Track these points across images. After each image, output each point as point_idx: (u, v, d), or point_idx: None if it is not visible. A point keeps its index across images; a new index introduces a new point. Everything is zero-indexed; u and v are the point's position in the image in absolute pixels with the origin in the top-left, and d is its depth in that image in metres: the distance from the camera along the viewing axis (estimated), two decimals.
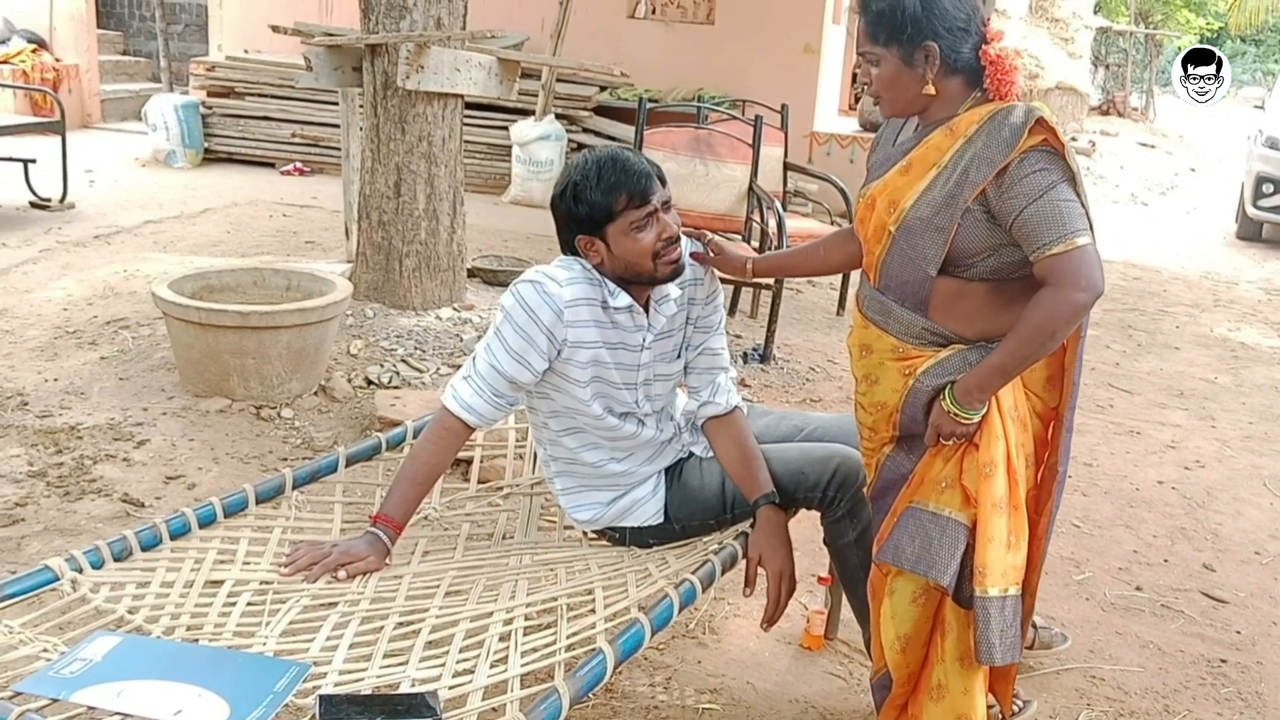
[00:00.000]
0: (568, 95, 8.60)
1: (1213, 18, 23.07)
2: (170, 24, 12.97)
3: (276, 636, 1.89)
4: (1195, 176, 14.36)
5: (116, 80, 11.46)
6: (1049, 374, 2.10)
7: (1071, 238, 1.89)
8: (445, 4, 4.71)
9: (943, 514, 2.06)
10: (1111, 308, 6.88)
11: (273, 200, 7.86)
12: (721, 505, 2.38)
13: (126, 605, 1.94)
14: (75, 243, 6.21)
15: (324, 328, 4.03)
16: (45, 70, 10.01)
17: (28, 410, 3.78)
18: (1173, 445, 4.58)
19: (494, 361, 2.17)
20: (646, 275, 2.20)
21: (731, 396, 2.40)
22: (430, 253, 4.93)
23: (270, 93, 9.07)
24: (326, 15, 9.67)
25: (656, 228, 2.16)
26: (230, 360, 3.87)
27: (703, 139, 5.59)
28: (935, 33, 1.97)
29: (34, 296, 5.08)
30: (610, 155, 2.17)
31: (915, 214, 2.02)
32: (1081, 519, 3.76)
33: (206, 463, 3.53)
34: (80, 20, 10.36)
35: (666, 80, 9.00)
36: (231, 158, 9.21)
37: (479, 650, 1.88)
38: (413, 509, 2.26)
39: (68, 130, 7.22)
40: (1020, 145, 1.92)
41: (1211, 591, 3.35)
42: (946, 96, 2.03)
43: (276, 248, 6.42)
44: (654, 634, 1.93)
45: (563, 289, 2.16)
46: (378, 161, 4.82)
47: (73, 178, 7.30)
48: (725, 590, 3.09)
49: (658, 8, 9.39)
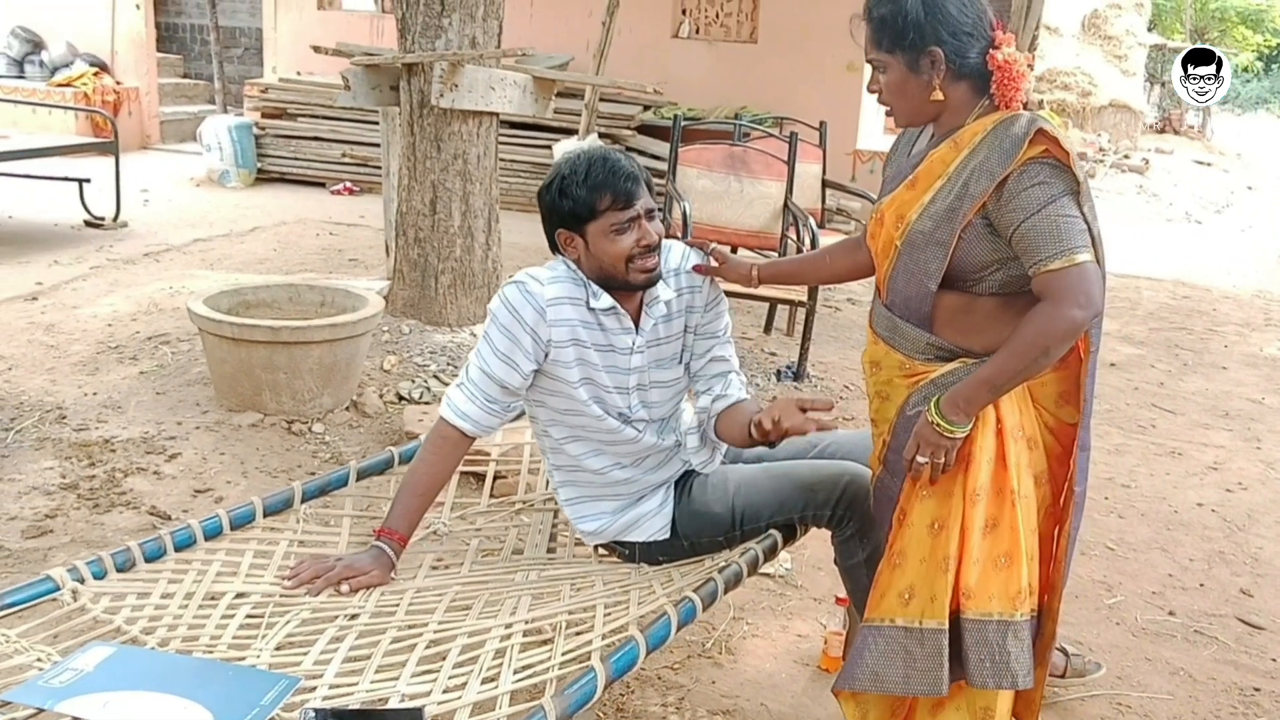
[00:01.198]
0: (611, 114, 8.65)
1: (1270, 33, 22.58)
2: (230, 48, 13.28)
3: (271, 649, 1.89)
4: (1251, 195, 14.02)
5: (176, 102, 11.73)
6: (1062, 389, 2.05)
7: (1071, 254, 1.86)
8: (480, 24, 4.75)
9: (914, 626, 2.00)
10: (1159, 326, 6.75)
11: (321, 219, 7.99)
12: (730, 522, 2.35)
13: (125, 616, 1.95)
14: (125, 260, 6.35)
15: (355, 343, 4.07)
16: (106, 93, 10.27)
17: (65, 424, 3.86)
18: (1215, 467, 4.46)
19: (483, 366, 2.18)
20: (619, 279, 2.19)
21: (743, 391, 2.38)
22: (465, 269, 4.97)
23: (321, 113, 9.23)
24: (378, 37, 9.83)
25: (636, 233, 2.15)
26: (262, 375, 3.92)
27: (738, 156, 5.57)
28: (939, 37, 1.95)
29: (81, 312, 5.19)
30: (601, 154, 2.17)
31: (918, 227, 2.00)
32: (1116, 541, 3.68)
33: (235, 476, 3.58)
34: (140, 44, 10.62)
35: (709, 99, 9.02)
36: (284, 177, 9.38)
37: (473, 666, 1.87)
38: (416, 520, 2.25)
39: (128, 151, 7.42)
40: (1020, 156, 1.89)
41: (1247, 617, 3.25)
42: (955, 103, 2.00)
43: (320, 265, 6.52)
44: (649, 652, 1.91)
45: (544, 287, 2.17)
46: (414, 179, 4.87)
47: (128, 197, 7.49)
48: (744, 610, 3.06)
49: (701, 27, 9.43)
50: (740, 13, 9.40)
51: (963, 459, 1.99)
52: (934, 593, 1.99)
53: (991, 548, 1.98)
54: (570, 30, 9.24)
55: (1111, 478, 4.21)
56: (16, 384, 4.23)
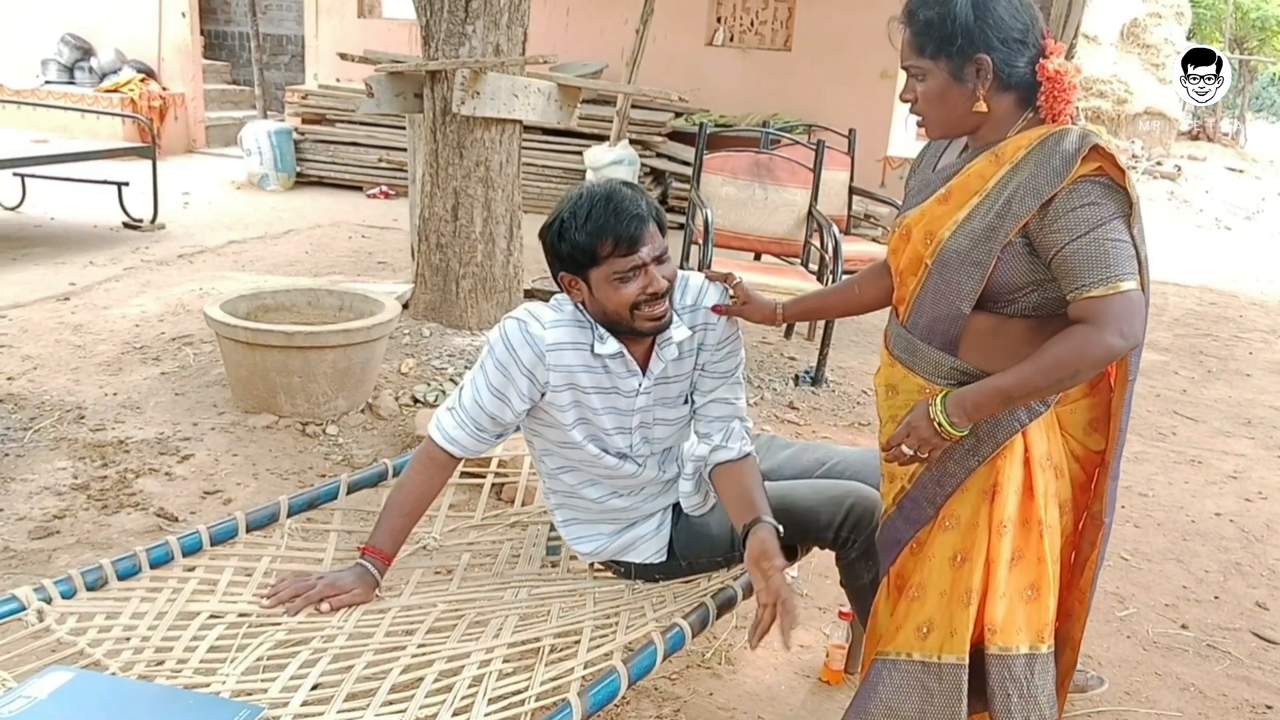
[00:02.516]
0: (642, 121, 8.64)
1: None
2: (276, 55, 13.47)
3: (239, 675, 1.82)
4: None
5: (222, 108, 11.90)
6: (1092, 417, 1.94)
7: (1116, 281, 1.72)
8: (504, 31, 4.76)
9: (932, 660, 1.91)
10: (1184, 333, 6.65)
11: (355, 222, 8.06)
12: (730, 543, 2.27)
13: (90, 638, 1.88)
14: (159, 261, 6.44)
15: (370, 348, 4.09)
16: (152, 98, 10.44)
17: (83, 423, 3.91)
18: (1235, 475, 4.38)
19: (476, 396, 2.11)
20: (624, 326, 2.07)
21: (745, 444, 2.23)
22: (486, 274, 4.98)
23: (358, 119, 9.31)
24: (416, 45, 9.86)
25: (641, 280, 2.01)
26: (277, 378, 3.95)
27: (763, 163, 5.55)
28: (989, 44, 1.79)
29: (110, 313, 5.27)
30: (605, 194, 2.01)
31: (952, 246, 1.85)
32: (1131, 552, 3.61)
33: (246, 478, 3.61)
34: (186, 51, 10.79)
35: (742, 106, 9.00)
36: (322, 181, 9.50)
37: (446, 695, 1.81)
38: (401, 539, 2.20)
39: (173, 155, 7.53)
40: (1071, 174, 1.74)
41: (1262, 631, 3.17)
42: (997, 116, 1.85)
43: (349, 268, 6.57)
44: (631, 684, 1.85)
45: (546, 331, 2.07)
46: (436, 185, 4.90)
47: (169, 200, 7.60)
48: (747, 619, 2.99)
49: (735, 35, 9.41)
50: (775, 20, 9.36)
51: (988, 491, 1.89)
52: (954, 627, 1.89)
53: (1019, 580, 1.89)
54: (605, 38, 9.27)
55: (1129, 486, 4.13)
56: (40, 383, 4.30)
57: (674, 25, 9.10)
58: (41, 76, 10.65)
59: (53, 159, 7.03)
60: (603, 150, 8.16)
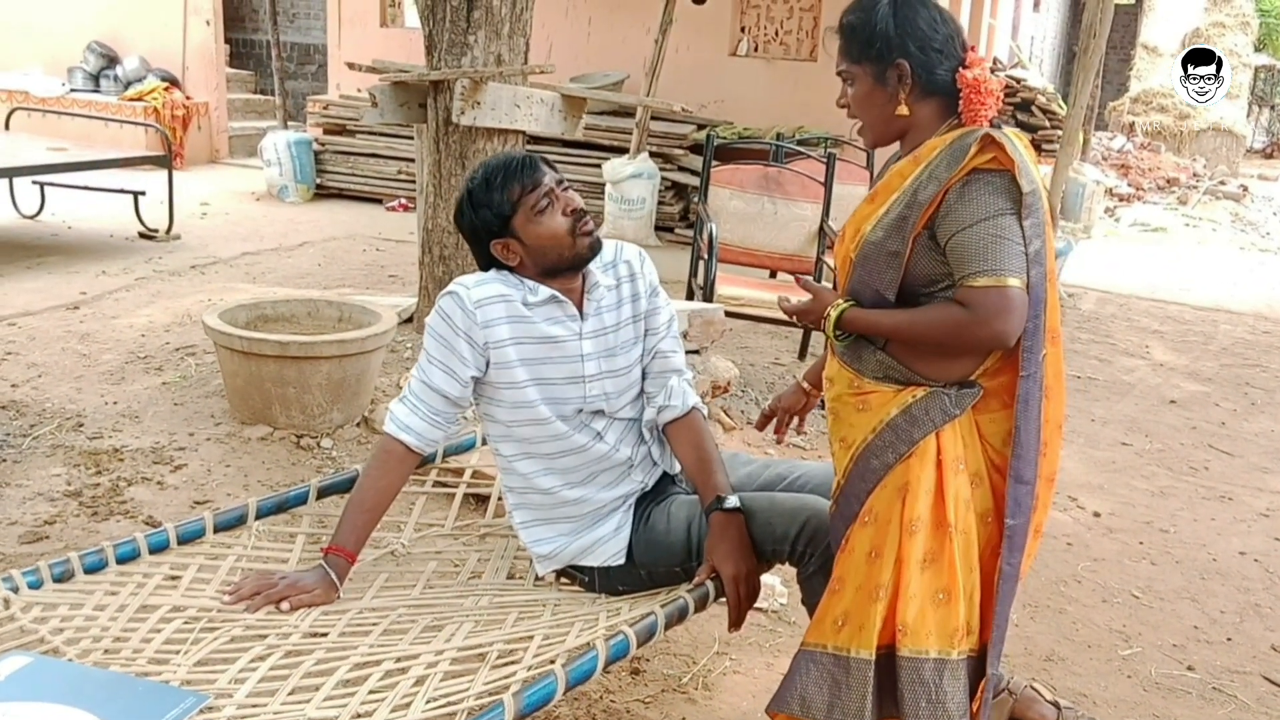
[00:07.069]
0: (664, 133, 8.59)
1: None
2: (304, 64, 13.58)
3: (190, 665, 1.88)
4: None
5: (246, 117, 11.98)
6: (1010, 428, 1.95)
7: (1001, 274, 1.82)
8: (506, 41, 4.75)
9: (843, 654, 1.95)
10: (1230, 363, 6.44)
11: (371, 235, 8.08)
12: (687, 552, 2.29)
13: (51, 626, 1.94)
14: (171, 272, 6.48)
15: (365, 359, 4.08)
16: (175, 107, 10.52)
17: (81, 431, 3.92)
18: (1267, 514, 4.21)
19: (423, 376, 2.18)
20: (570, 254, 2.20)
21: (688, 397, 2.35)
22: None
23: (378, 130, 9.33)
24: None
25: (559, 204, 2.18)
26: (272, 389, 3.95)
27: (772, 177, 5.49)
28: (906, 50, 1.92)
29: (118, 322, 5.30)
30: (493, 160, 2.22)
31: (870, 238, 1.97)
32: (1143, 589, 3.49)
33: (237, 489, 3.60)
34: (210, 60, 10.88)
35: (767, 117, 8.94)
36: (341, 193, 9.52)
37: (389, 693, 1.83)
38: (364, 537, 2.23)
39: (196, 165, 7.55)
40: (965, 164, 1.85)
41: (1273, 675, 3.05)
42: (922, 122, 1.97)
43: (360, 281, 6.58)
44: (569, 688, 1.84)
45: (471, 290, 2.17)
46: (439, 196, 4.89)
47: (186, 210, 7.64)
48: (730, 644, 2.97)
49: (760, 45, 9.37)
50: (800, 30, 9.32)
51: (901, 489, 1.94)
52: (863, 621, 1.93)
53: (930, 583, 1.91)
54: (627, 48, 9.25)
55: (1150, 521, 4.02)
56: (43, 391, 4.32)
57: (697, 36, 9.07)
58: (67, 85, 10.76)
59: (66, 167, 7.08)
60: (622, 163, 8.13)
